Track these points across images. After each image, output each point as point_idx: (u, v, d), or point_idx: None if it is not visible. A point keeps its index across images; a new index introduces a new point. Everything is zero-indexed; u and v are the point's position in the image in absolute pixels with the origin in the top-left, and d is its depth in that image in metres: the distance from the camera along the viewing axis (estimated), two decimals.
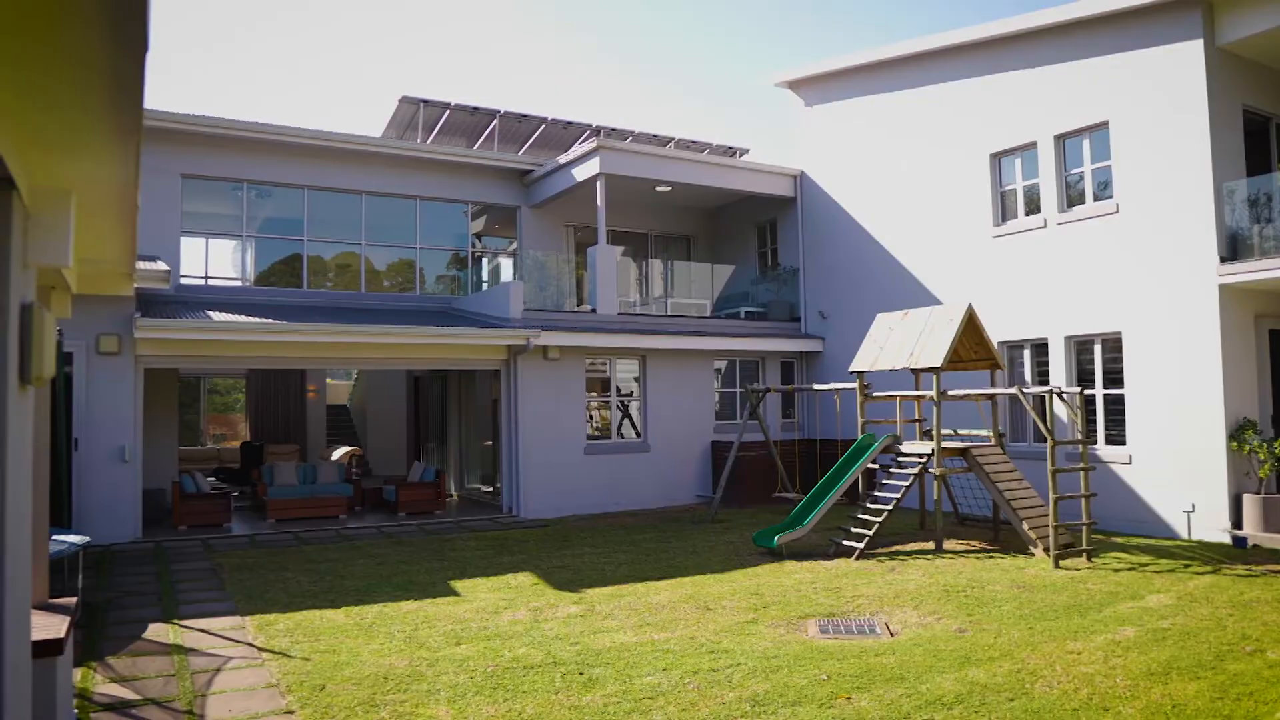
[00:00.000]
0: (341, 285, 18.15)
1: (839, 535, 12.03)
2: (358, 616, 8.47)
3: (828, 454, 17.30)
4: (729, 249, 21.83)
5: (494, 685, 6.36)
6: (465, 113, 20.01)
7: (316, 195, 17.65)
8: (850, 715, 5.67)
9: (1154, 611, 8.33)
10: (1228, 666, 6.59)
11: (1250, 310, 12.70)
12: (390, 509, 16.22)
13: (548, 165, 18.65)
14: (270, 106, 71.77)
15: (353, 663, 6.93)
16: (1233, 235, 12.38)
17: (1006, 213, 15.21)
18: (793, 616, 8.34)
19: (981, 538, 12.79)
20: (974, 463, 12.00)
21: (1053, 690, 6.10)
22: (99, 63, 2.69)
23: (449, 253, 19.41)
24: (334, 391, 27.27)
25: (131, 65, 2.71)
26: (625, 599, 9.16)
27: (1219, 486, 12.13)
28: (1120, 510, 13.13)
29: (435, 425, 21.00)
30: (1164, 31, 12.87)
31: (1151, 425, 12.90)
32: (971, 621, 8.05)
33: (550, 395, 16.19)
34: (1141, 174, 13.11)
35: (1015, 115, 14.88)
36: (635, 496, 16.95)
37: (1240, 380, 12.38)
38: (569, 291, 18.51)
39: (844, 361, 17.77)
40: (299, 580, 10.24)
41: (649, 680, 6.41)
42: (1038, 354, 14.66)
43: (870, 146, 17.75)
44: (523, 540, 13.19)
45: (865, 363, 12.92)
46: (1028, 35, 14.69)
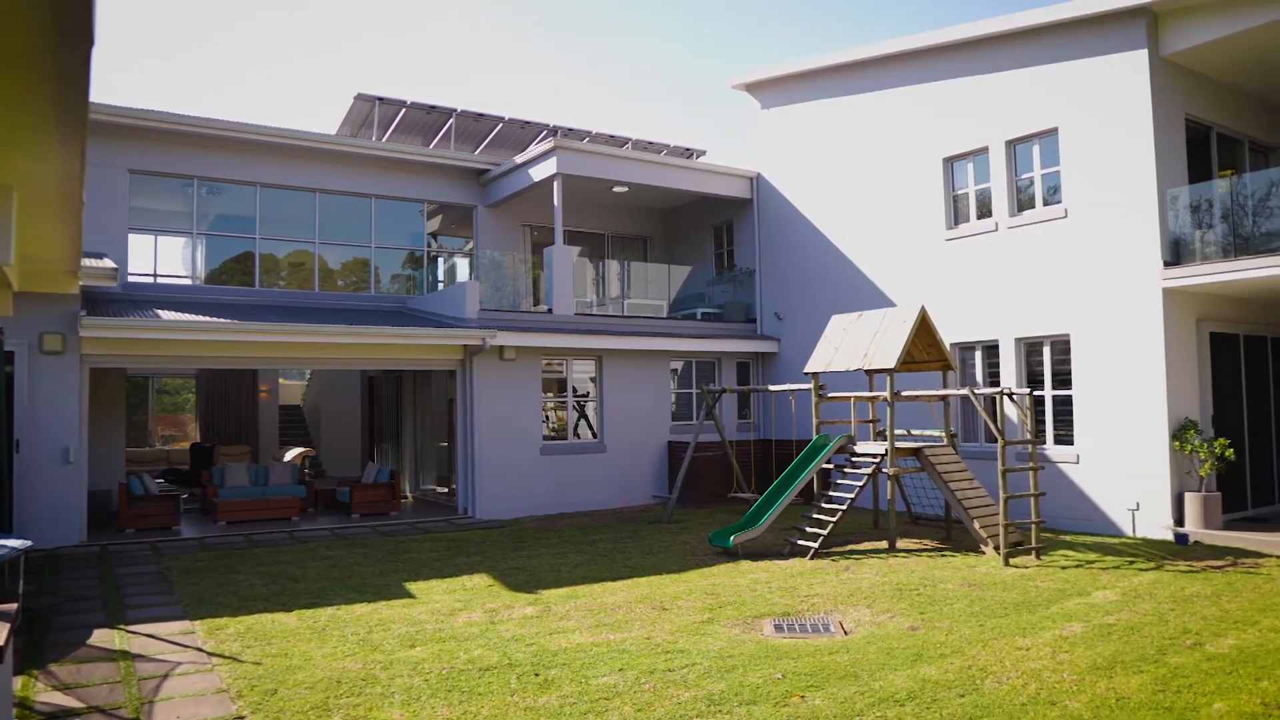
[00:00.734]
0: (295, 284, 17.91)
1: (794, 535, 12.13)
2: (310, 619, 8.37)
3: (783, 454, 17.43)
4: (686, 250, 21.90)
5: (449, 687, 6.33)
6: (422, 111, 19.85)
7: (269, 193, 17.40)
8: (805, 714, 5.72)
9: (1100, 607, 8.51)
10: (1169, 660, 6.76)
11: (1192, 313, 13.03)
12: (344, 510, 16.04)
13: (504, 165, 18.58)
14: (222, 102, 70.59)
15: (305, 666, 6.85)
16: (1176, 240, 12.69)
17: (959, 216, 15.44)
18: (748, 616, 8.40)
19: (934, 537, 12.97)
20: (926, 463, 12.17)
21: (1002, 686, 6.21)
22: (43, 58, 2.63)
23: (404, 252, 19.26)
24: (287, 391, 26.90)
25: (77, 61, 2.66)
26: (581, 600, 9.16)
27: (1162, 485, 12.43)
28: (1068, 509, 13.39)
29: (390, 426, 20.81)
30: (1110, 42, 13.16)
31: (1098, 425, 13.18)
32: (924, 619, 8.16)
33: (506, 396, 16.12)
34: (1089, 180, 13.39)
35: (968, 120, 15.12)
36: (591, 497, 16.94)
37: (1182, 381, 12.70)
38: (525, 292, 18.45)
39: (799, 362, 17.91)
40: (250, 583, 10.09)
41: (605, 681, 6.42)
42: (989, 355, 14.90)
43: (826, 149, 17.92)
44: (478, 541, 13.12)
45: (820, 364, 13.05)
46: (980, 42, 14.93)
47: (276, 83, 70.38)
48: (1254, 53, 12.89)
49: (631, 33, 66.42)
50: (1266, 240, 12.01)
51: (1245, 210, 12.31)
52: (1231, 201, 12.42)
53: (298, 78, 70.98)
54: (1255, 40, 12.43)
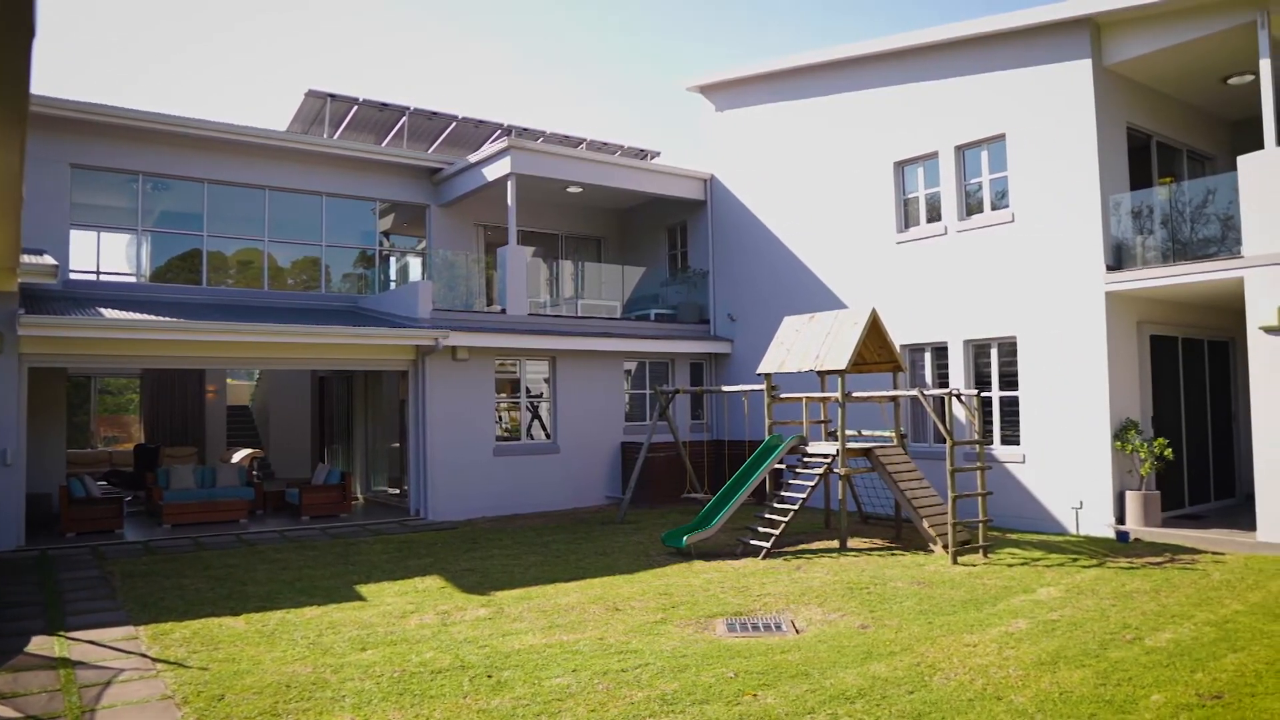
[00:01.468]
0: (243, 282, 17.62)
1: (747, 535, 12.21)
2: (259, 624, 8.25)
3: (736, 455, 17.54)
4: (640, 251, 21.94)
5: (400, 690, 6.27)
6: (374, 108, 19.65)
7: (217, 189, 17.10)
8: (757, 712, 5.77)
9: (1044, 604, 8.69)
10: (1110, 654, 6.93)
11: (1133, 316, 13.35)
12: (293, 512, 15.81)
13: (458, 164, 18.46)
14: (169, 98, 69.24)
15: (254, 671, 6.75)
16: (1118, 245, 13.00)
17: (909, 220, 15.66)
18: (701, 616, 8.44)
19: (884, 536, 13.14)
20: (877, 463, 12.32)
21: (950, 682, 6.31)
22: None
23: (356, 251, 19.04)
24: (234, 392, 26.43)
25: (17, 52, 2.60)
26: (534, 601, 9.13)
27: (1104, 484, 12.72)
28: (1015, 508, 13.65)
29: (341, 426, 20.57)
30: (1055, 51, 13.45)
31: (1043, 426, 13.45)
32: (874, 617, 8.27)
33: (459, 396, 16.02)
34: (1035, 185, 13.66)
35: (918, 125, 15.34)
36: (545, 498, 16.90)
37: (1124, 383, 13.01)
38: (479, 292, 18.35)
39: (752, 363, 18.04)
40: (197, 587, 9.91)
41: (558, 682, 6.41)
42: (938, 357, 15.14)
43: (779, 152, 18.07)
44: (430, 543, 13.02)
45: (772, 365, 13.15)
46: (930, 49, 15.16)
47: (225, 78, 69.21)
48: (1192, 65, 13.26)
49: (583, 36, 66.40)
50: (1203, 246, 12.36)
51: (1184, 217, 12.65)
52: (1171, 208, 12.76)
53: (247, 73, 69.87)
54: (1193, 53, 12.80)
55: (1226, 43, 12.42)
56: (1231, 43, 12.40)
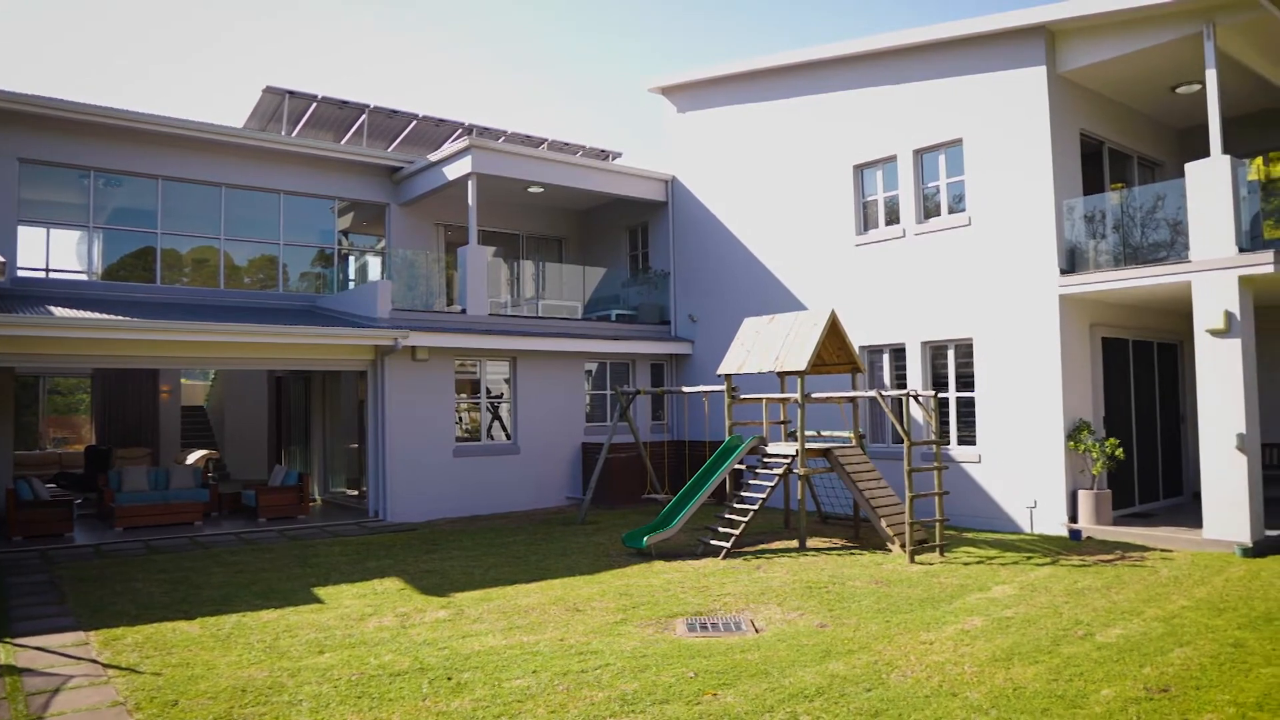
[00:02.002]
0: (199, 281, 17.34)
1: (707, 535, 12.26)
2: (214, 627, 8.13)
3: (696, 455, 17.61)
4: (600, 251, 21.94)
5: (359, 694, 6.23)
6: (333, 106, 19.46)
7: (172, 186, 16.82)
8: (717, 711, 5.80)
9: (999, 602, 8.83)
10: (1062, 650, 7.06)
11: (1086, 319, 13.61)
12: (250, 514, 15.61)
13: (418, 163, 18.33)
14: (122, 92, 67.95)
15: (208, 676, 6.66)
16: (1072, 249, 13.25)
17: (868, 222, 15.82)
18: (661, 616, 8.46)
19: (843, 535, 13.26)
20: (836, 463, 12.43)
21: (907, 679, 6.40)
22: None
23: (314, 249, 18.83)
24: (189, 392, 26.03)
25: None
26: (494, 602, 9.10)
27: (1058, 483, 12.95)
28: (971, 507, 13.85)
29: (298, 427, 20.32)
30: (1011, 57, 13.66)
31: (999, 426, 13.66)
32: (832, 616, 8.35)
33: (419, 397, 15.91)
34: (992, 189, 13.87)
35: (877, 129, 15.50)
36: (505, 499, 16.84)
37: (1077, 384, 13.25)
38: (439, 291, 18.23)
39: (713, 364, 18.12)
40: (150, 591, 9.75)
41: (518, 683, 6.40)
42: (896, 358, 15.31)
43: (740, 154, 18.16)
44: (389, 545, 12.92)
45: (733, 365, 13.22)
46: (889, 54, 15.33)
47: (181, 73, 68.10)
48: (1142, 73, 13.56)
49: (546, 36, 66.25)
50: (1153, 250, 12.63)
51: (1135, 222, 12.92)
52: (1122, 213, 13.02)
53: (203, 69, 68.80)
54: (1143, 62, 13.08)
55: (1175, 53, 12.72)
56: (1180, 53, 12.70)
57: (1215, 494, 11.51)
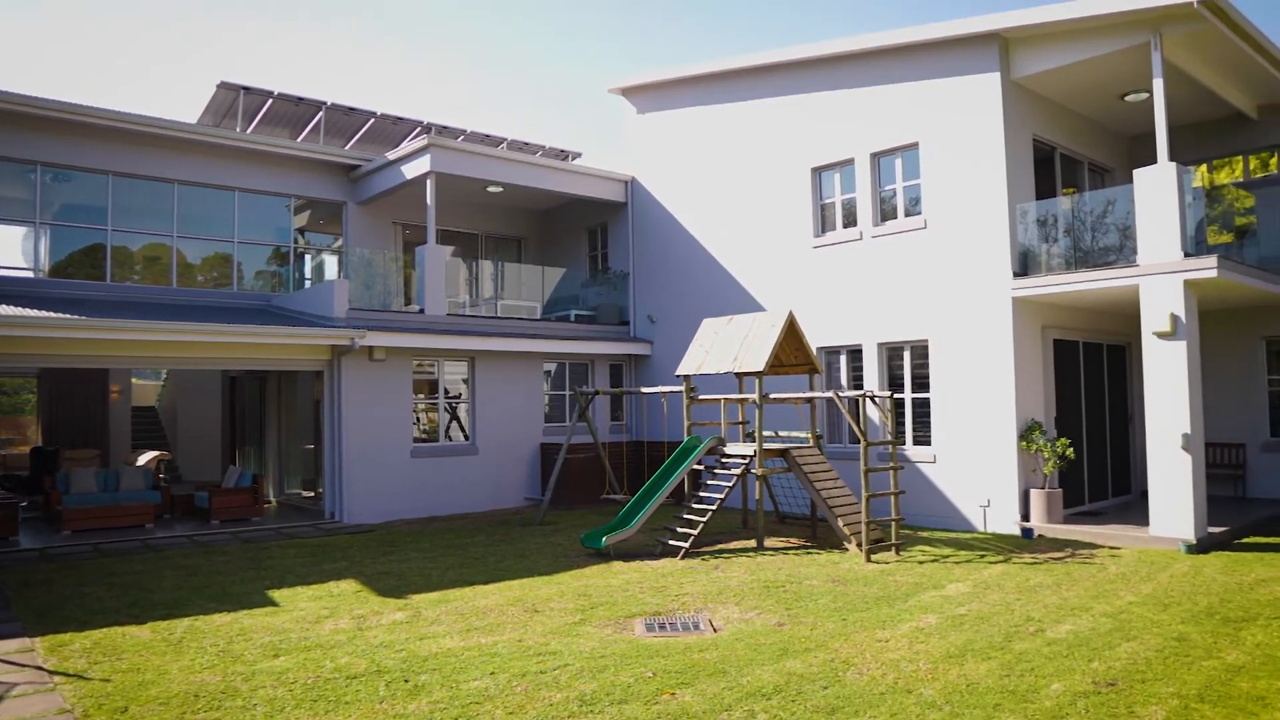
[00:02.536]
0: (150, 279, 17.03)
1: (665, 535, 12.30)
2: (165, 632, 8.00)
3: (655, 455, 17.65)
4: (560, 251, 21.90)
5: (315, 697, 6.17)
6: (289, 102, 19.21)
7: (122, 182, 16.50)
8: (675, 711, 5.83)
9: (953, 599, 8.97)
10: (1014, 646, 7.19)
11: (1038, 321, 13.85)
12: (203, 516, 15.36)
13: (376, 161, 18.17)
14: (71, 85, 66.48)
15: (159, 681, 6.55)
16: (1024, 252, 13.48)
17: (826, 224, 15.97)
18: (620, 616, 8.48)
19: (800, 535, 13.37)
20: (793, 463, 12.54)
21: (863, 677, 6.47)
22: None
23: (270, 248, 18.57)
24: (140, 392, 25.51)
25: None
26: (452, 604, 9.06)
27: (1010, 482, 13.17)
28: (926, 506, 14.03)
29: (253, 428, 20.04)
30: (966, 63, 13.87)
31: (953, 427, 13.86)
32: (790, 615, 8.42)
33: (376, 397, 15.77)
34: (947, 193, 14.07)
35: (835, 132, 15.65)
36: (463, 500, 16.75)
37: (1029, 385, 13.49)
38: (396, 291, 18.09)
39: (671, 364, 18.19)
40: (98, 595, 9.57)
41: (476, 685, 6.38)
42: (853, 359, 15.47)
43: (700, 155, 18.24)
44: (346, 546, 12.80)
45: (691, 366, 13.27)
46: (848, 57, 15.48)
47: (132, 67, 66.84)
48: (1092, 81, 13.84)
49: (506, 35, 66.00)
50: (1103, 254, 12.90)
51: (1086, 226, 13.18)
52: (1074, 218, 13.28)
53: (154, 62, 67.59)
54: (1093, 70, 13.36)
55: (1124, 62, 13.00)
56: (1129, 62, 12.98)
57: (1161, 492, 11.78)
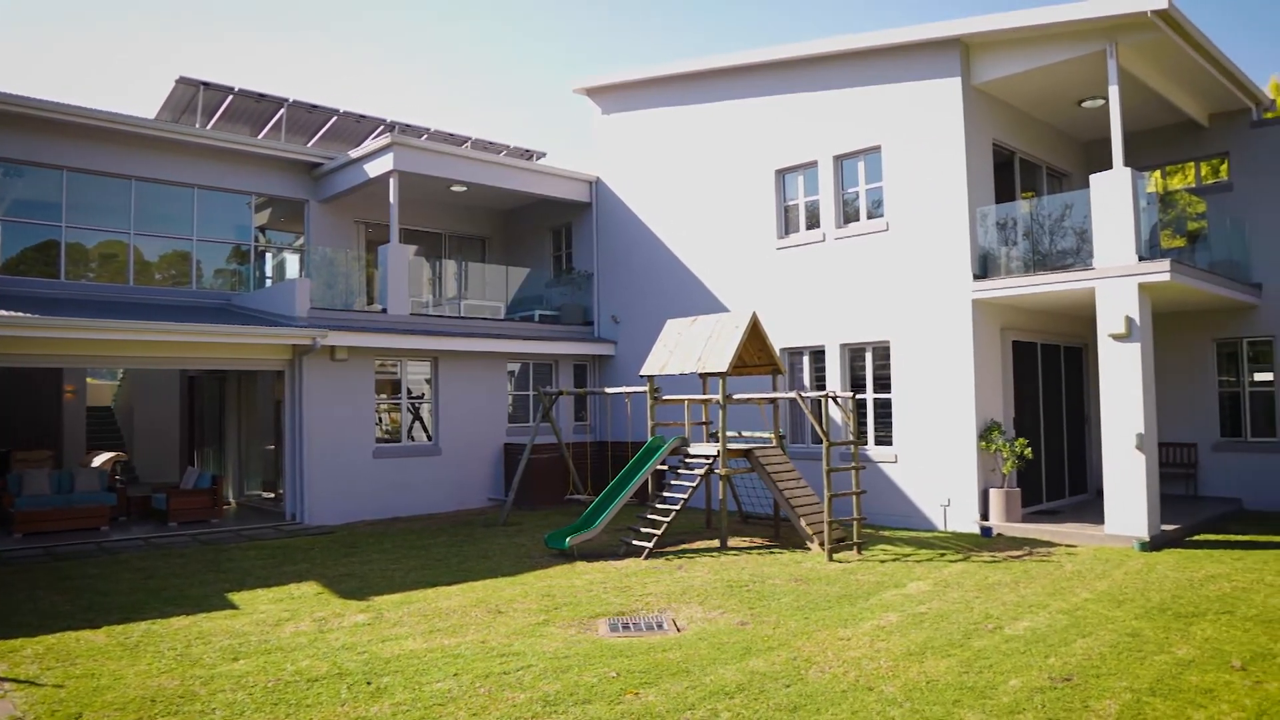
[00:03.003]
0: (106, 277, 16.74)
1: (629, 535, 12.31)
2: (121, 636, 7.88)
3: (619, 456, 17.66)
4: (524, 251, 21.84)
5: (275, 701, 6.10)
6: (250, 99, 18.97)
7: (77, 178, 16.20)
8: (638, 710, 5.84)
9: (914, 598, 9.07)
10: (973, 643, 7.30)
11: (998, 323, 14.05)
12: (161, 518, 15.12)
13: (339, 159, 18.00)
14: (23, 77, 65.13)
15: (115, 686, 6.45)
16: (984, 255, 13.67)
17: (789, 226, 16.08)
18: (584, 616, 8.48)
19: (763, 535, 13.45)
20: (756, 463, 12.61)
21: (825, 675, 6.53)
22: None
23: (230, 246, 18.33)
24: (96, 392, 25.06)
25: None
26: (415, 605, 9.01)
27: (970, 482, 13.35)
28: (887, 505, 14.18)
29: (212, 428, 19.77)
30: (928, 68, 14.03)
31: (914, 427, 14.01)
32: (753, 614, 8.47)
33: (338, 397, 15.63)
34: (909, 196, 14.22)
35: (799, 135, 15.76)
36: (426, 500, 16.65)
37: (988, 386, 13.67)
38: (359, 290, 17.93)
39: (635, 365, 18.20)
40: (51, 600, 9.39)
41: (439, 687, 6.35)
42: (816, 360, 15.58)
43: (664, 156, 18.28)
44: (307, 548, 12.67)
45: (655, 367, 13.30)
46: (811, 61, 15.60)
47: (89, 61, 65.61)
48: (1050, 87, 14.07)
49: (469, 35, 65.68)
50: (1061, 257, 13.11)
51: (1044, 229, 13.39)
52: (1032, 221, 13.49)
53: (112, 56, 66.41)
54: (1051, 76, 13.58)
55: (1081, 69, 13.24)
56: (1085, 69, 13.22)
57: (1116, 491, 12.01)
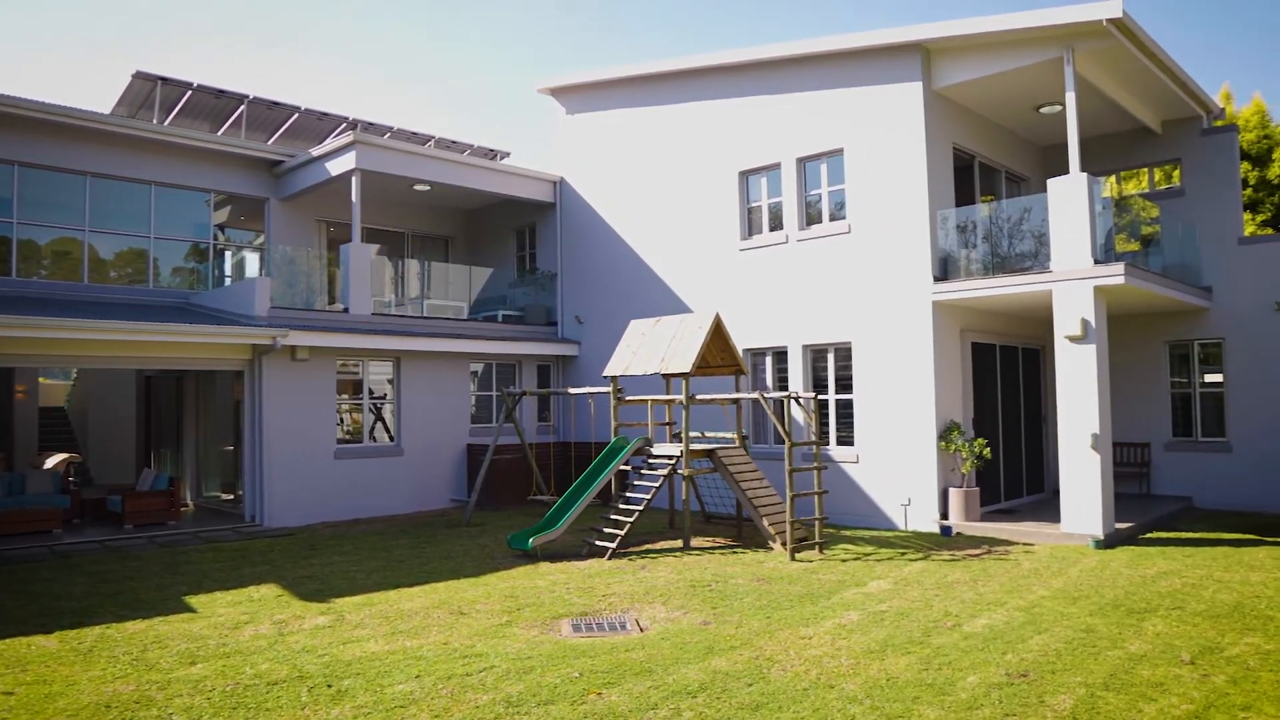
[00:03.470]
0: (60, 275, 16.42)
1: (592, 536, 12.31)
2: (75, 641, 7.74)
3: (582, 456, 17.65)
4: (488, 251, 21.75)
5: (233, 705, 6.03)
6: (210, 95, 18.71)
7: (30, 173, 15.87)
8: (602, 710, 5.85)
9: (875, 596, 9.16)
10: (933, 641, 7.39)
11: (957, 324, 14.23)
12: (116, 521, 14.87)
13: (300, 157, 17.81)
14: None
15: (68, 693, 6.34)
16: (945, 257, 13.83)
17: (753, 228, 16.17)
18: (547, 617, 8.47)
19: (726, 534, 13.51)
20: (719, 464, 12.66)
21: (787, 673, 6.58)
22: None
23: (188, 244, 18.06)
24: (48, 392, 24.57)
25: None
26: (376, 607, 8.94)
27: (930, 481, 13.50)
28: (849, 505, 14.30)
29: (170, 429, 19.46)
30: (889, 72, 14.18)
31: (876, 427, 14.15)
32: (715, 614, 8.51)
33: (299, 398, 15.46)
34: (870, 198, 14.36)
35: (763, 137, 15.85)
36: (388, 501, 16.53)
37: (948, 387, 13.84)
38: (320, 290, 17.75)
39: (599, 365, 18.20)
40: (2, 605, 9.20)
41: (401, 689, 6.32)
42: (779, 361, 15.68)
43: (628, 157, 18.30)
44: (267, 550, 12.53)
45: (619, 367, 13.31)
46: (775, 63, 15.70)
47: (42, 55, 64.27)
48: (1009, 93, 14.29)
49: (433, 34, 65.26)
50: (1020, 260, 13.31)
51: (1003, 233, 13.59)
52: (991, 224, 13.68)
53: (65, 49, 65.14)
54: (1010, 82, 13.79)
55: (1038, 75, 13.45)
56: (1043, 75, 13.44)
57: (1072, 490, 12.21)
